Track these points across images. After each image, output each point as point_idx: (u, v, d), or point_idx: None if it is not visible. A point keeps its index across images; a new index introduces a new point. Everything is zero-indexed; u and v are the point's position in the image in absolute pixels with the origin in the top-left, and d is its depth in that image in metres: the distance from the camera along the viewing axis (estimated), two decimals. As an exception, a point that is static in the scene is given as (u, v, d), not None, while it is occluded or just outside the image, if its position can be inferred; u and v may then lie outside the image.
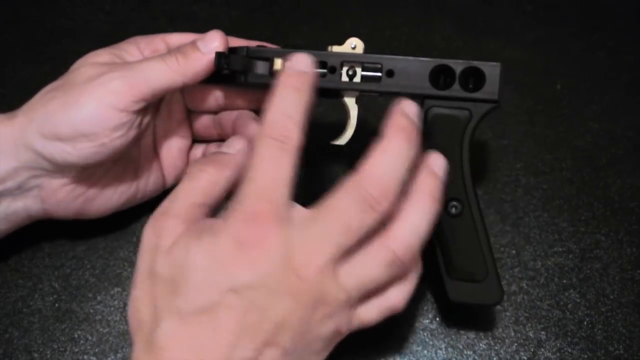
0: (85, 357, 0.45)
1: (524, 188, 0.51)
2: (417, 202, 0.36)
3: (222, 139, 0.47)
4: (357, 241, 0.34)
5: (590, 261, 0.48)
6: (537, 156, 0.52)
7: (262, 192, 0.34)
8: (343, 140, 0.43)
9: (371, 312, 0.37)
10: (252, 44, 0.44)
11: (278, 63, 0.42)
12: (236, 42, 0.45)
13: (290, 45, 0.44)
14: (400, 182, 0.35)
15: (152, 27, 0.57)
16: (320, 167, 0.51)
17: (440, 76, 0.42)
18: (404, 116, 0.36)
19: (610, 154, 0.52)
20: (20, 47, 0.56)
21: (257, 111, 0.46)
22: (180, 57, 0.42)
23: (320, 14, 0.59)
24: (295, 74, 0.37)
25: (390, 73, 0.42)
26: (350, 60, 0.42)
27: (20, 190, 0.42)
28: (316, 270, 0.33)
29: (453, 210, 0.41)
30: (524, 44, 0.56)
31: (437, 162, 0.37)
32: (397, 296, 0.37)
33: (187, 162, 0.49)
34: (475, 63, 0.41)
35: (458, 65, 0.41)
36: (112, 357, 0.45)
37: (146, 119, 0.43)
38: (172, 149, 0.48)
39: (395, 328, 0.46)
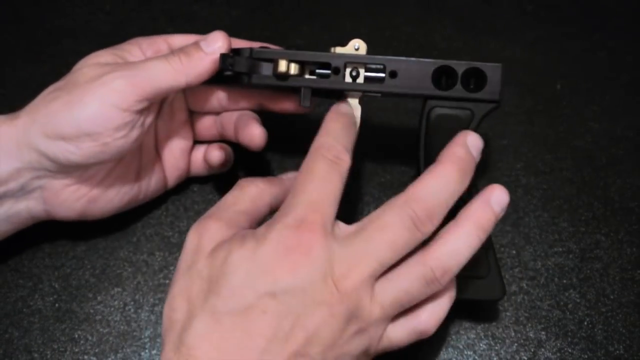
0: (86, 357, 0.45)
1: (524, 188, 0.51)
2: (464, 228, 0.36)
3: (223, 140, 0.47)
4: (398, 259, 0.35)
5: (590, 261, 0.48)
6: (537, 156, 0.52)
7: (312, 203, 0.35)
8: None
9: (400, 333, 0.37)
10: (255, 45, 0.44)
11: (282, 64, 0.42)
12: (238, 43, 0.45)
13: (292, 46, 0.44)
14: (446, 208, 0.36)
15: (152, 27, 0.57)
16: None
17: (442, 77, 0.42)
18: (464, 147, 0.38)
19: (610, 154, 0.52)
20: (21, 47, 0.56)
21: (259, 112, 0.46)
22: (183, 57, 0.42)
23: (321, 14, 0.58)
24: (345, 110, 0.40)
25: (393, 74, 0.42)
26: (354, 62, 0.42)
27: (22, 191, 0.42)
28: (355, 284, 0.34)
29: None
30: (524, 44, 0.56)
31: (498, 197, 0.37)
32: (428, 319, 0.37)
33: (188, 162, 0.49)
34: (477, 64, 0.41)
35: (460, 66, 0.41)
36: (112, 357, 0.45)
37: (149, 119, 0.43)
38: (174, 149, 0.48)
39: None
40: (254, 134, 0.43)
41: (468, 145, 0.38)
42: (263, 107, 0.46)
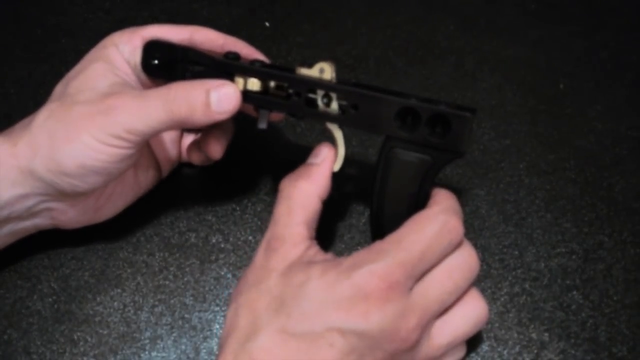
0: (85, 358, 0.45)
1: (527, 188, 0.50)
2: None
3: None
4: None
5: (593, 262, 0.48)
6: (540, 156, 0.52)
7: (406, 263, 0.35)
8: (336, 166, 0.41)
9: None
10: (229, 41, 0.43)
11: (240, 83, 0.40)
12: (213, 36, 0.44)
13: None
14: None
15: (152, 26, 0.57)
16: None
17: (408, 116, 0.39)
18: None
19: (614, 153, 0.52)
20: (20, 46, 0.56)
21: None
22: (184, 109, 0.39)
23: (321, 13, 0.58)
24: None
25: (355, 107, 0.39)
26: (318, 87, 0.40)
27: (28, 212, 0.42)
28: (420, 333, 0.36)
29: None
30: (526, 43, 0.56)
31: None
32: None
33: (179, 151, 0.49)
34: (443, 110, 0.38)
35: (425, 112, 0.38)
36: (112, 358, 0.45)
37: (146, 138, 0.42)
38: (164, 142, 0.48)
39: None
40: (211, 148, 0.45)
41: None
42: (242, 110, 0.46)
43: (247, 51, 0.44)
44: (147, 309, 0.46)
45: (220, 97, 0.39)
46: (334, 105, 0.40)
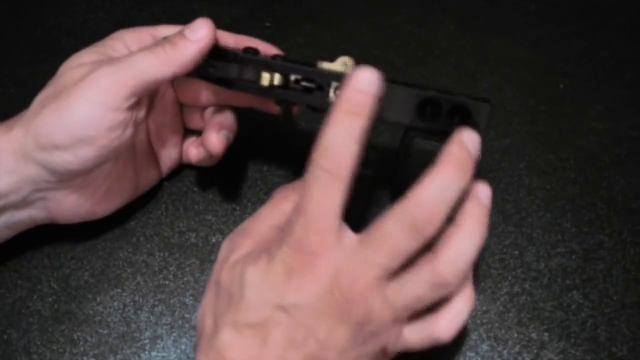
0: (85, 358, 0.45)
1: (527, 188, 0.50)
2: (465, 228, 0.36)
3: None
4: (402, 263, 0.35)
5: (593, 262, 0.48)
6: (540, 156, 0.52)
7: (311, 224, 0.35)
8: None
9: (416, 337, 0.37)
10: (240, 39, 0.44)
11: (265, 78, 0.41)
12: (224, 35, 0.44)
13: (277, 56, 0.43)
14: (447, 210, 0.35)
15: (152, 26, 0.57)
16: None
17: (428, 106, 0.40)
18: (462, 147, 0.36)
19: (614, 153, 0.52)
20: (20, 46, 0.56)
21: (252, 110, 0.46)
22: (168, 46, 0.41)
23: (322, 12, 0.58)
24: (354, 96, 0.35)
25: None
26: (340, 80, 0.40)
27: (24, 202, 0.42)
28: (361, 291, 0.35)
29: None
30: (527, 43, 0.56)
31: (483, 192, 0.38)
32: (445, 328, 0.37)
33: (181, 152, 0.49)
34: (464, 100, 0.39)
35: (446, 102, 0.39)
36: (112, 358, 0.45)
37: (140, 115, 0.43)
38: (166, 141, 0.48)
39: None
40: (211, 141, 0.44)
41: (464, 143, 0.37)
42: (253, 107, 0.46)
43: (262, 47, 0.44)
44: (147, 308, 0.46)
45: (192, 27, 0.41)
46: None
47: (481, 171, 0.51)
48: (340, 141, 0.34)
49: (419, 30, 0.57)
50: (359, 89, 0.35)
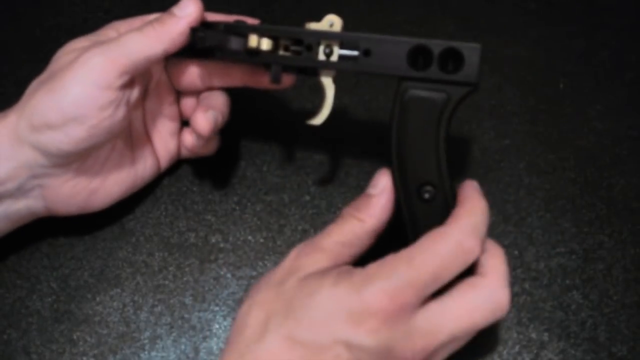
0: (84, 358, 0.45)
1: (527, 188, 0.50)
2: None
3: None
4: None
5: (593, 262, 0.48)
6: (540, 156, 0.52)
7: (418, 283, 0.35)
8: (319, 120, 0.43)
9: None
10: (230, 18, 0.44)
11: (253, 40, 0.41)
12: (214, 16, 0.45)
13: (267, 21, 0.44)
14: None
15: (151, 26, 0.56)
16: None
17: (419, 56, 0.40)
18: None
19: (614, 153, 0.52)
20: (19, 45, 0.56)
21: (247, 89, 0.46)
22: (157, 24, 0.42)
23: (321, 13, 0.58)
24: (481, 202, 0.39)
25: (367, 52, 0.40)
26: (327, 39, 0.41)
27: (21, 190, 0.42)
28: (423, 357, 0.36)
29: (426, 195, 0.40)
30: (526, 43, 0.56)
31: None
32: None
33: (178, 143, 0.49)
34: (455, 44, 0.39)
35: (437, 46, 0.40)
36: (111, 358, 0.45)
37: (133, 96, 0.43)
38: (163, 132, 0.48)
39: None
40: (198, 121, 0.43)
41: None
42: (246, 84, 0.46)
43: (251, 22, 0.45)
44: (146, 308, 0.46)
45: (179, 5, 0.42)
46: (335, 57, 0.41)
47: (481, 171, 0.51)
48: (479, 231, 0.38)
49: (419, 30, 0.57)
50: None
